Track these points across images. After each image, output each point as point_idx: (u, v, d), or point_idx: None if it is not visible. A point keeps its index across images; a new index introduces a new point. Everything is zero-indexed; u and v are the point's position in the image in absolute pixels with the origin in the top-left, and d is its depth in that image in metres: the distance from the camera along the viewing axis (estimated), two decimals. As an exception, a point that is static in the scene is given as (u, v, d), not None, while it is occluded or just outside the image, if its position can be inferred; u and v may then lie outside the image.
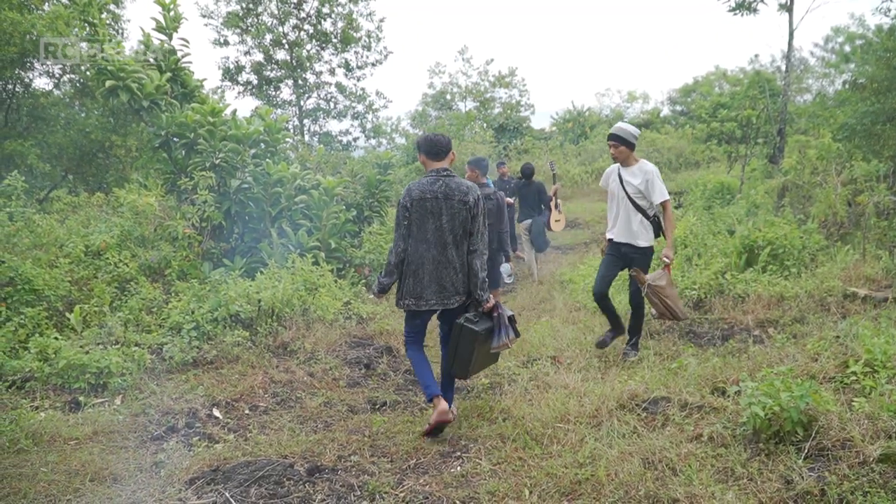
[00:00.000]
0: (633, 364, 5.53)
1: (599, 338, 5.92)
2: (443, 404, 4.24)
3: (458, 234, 4.31)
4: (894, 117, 9.70)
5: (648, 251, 5.72)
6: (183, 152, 8.96)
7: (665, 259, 5.60)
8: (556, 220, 11.14)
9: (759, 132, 14.48)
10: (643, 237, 5.67)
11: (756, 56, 38.35)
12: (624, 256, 5.77)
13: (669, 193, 5.63)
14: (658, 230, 5.74)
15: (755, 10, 13.75)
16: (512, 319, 4.54)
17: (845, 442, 3.29)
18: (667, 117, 39.10)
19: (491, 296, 4.49)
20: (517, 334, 4.59)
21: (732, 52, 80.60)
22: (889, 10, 10.90)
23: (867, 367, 4.12)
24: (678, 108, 41.16)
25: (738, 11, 13.78)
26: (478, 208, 4.35)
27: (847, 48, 20.32)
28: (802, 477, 3.09)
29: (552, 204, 10.89)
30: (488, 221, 6.36)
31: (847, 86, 11.33)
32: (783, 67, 14.53)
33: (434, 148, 4.41)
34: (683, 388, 4.45)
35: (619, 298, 7.01)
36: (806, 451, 3.29)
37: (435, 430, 4.30)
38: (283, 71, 27.91)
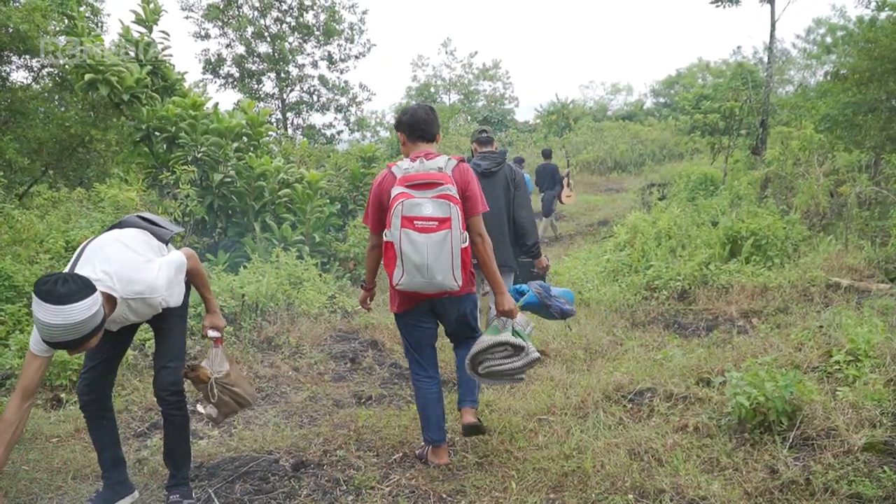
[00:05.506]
0: (619, 355, 5.54)
1: None
2: None
3: None
4: (876, 108, 9.77)
5: None
6: (164, 146, 8.86)
7: (213, 333, 3.62)
8: (567, 196, 13.84)
9: (741, 123, 14.52)
10: None
11: (738, 48, 38.50)
12: None
13: (654, 185, 5.62)
14: None
15: (737, 2, 13.76)
16: None
17: (830, 431, 3.30)
18: (650, 109, 39.34)
19: None
20: None
21: (715, 43, 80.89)
22: (870, 2, 10.96)
23: (850, 356, 4.14)
24: (661, 99, 41.43)
25: (720, 3, 13.78)
26: None
27: (829, 39, 20.47)
28: (787, 466, 3.10)
29: (564, 182, 13.63)
30: None
31: (829, 77, 11.39)
32: (765, 59, 14.58)
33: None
34: (669, 379, 4.47)
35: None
36: (791, 440, 3.31)
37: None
38: (265, 64, 27.66)
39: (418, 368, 3.85)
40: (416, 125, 3.56)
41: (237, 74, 27.77)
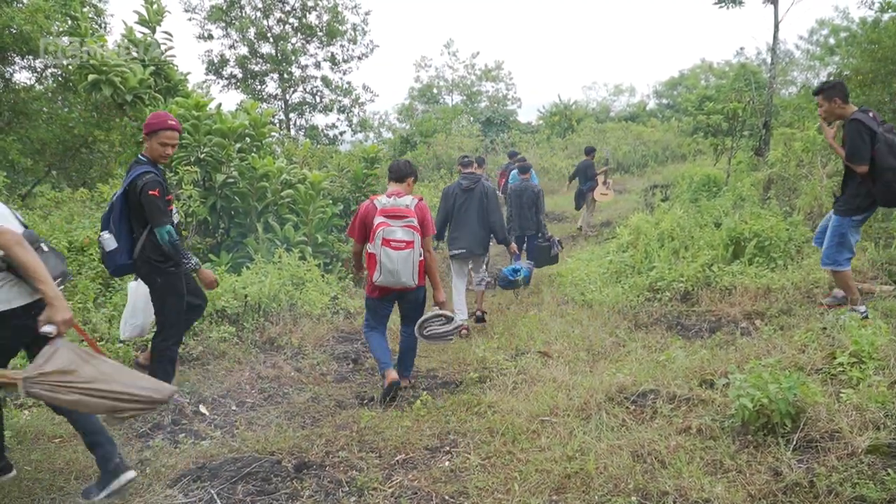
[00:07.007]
0: (622, 357, 5.53)
1: None
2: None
3: None
4: (879, 109, 9.75)
5: None
6: (167, 147, 8.86)
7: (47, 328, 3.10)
8: (602, 194, 13.97)
9: (744, 125, 14.47)
10: None
11: (741, 49, 38.59)
12: None
13: (656, 186, 5.62)
14: None
15: (740, 3, 13.74)
16: None
17: (833, 433, 3.29)
18: (653, 110, 39.31)
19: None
20: None
21: (718, 44, 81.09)
22: (873, 3, 10.94)
23: (854, 358, 4.12)
24: (664, 101, 41.45)
25: (723, 4, 13.76)
26: None
27: (832, 41, 20.44)
28: (791, 469, 3.09)
29: (600, 180, 13.85)
30: None
31: (832, 78, 11.37)
32: (768, 60, 14.58)
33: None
34: (672, 381, 4.45)
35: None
36: (794, 442, 3.29)
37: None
38: (268, 65, 27.71)
39: (371, 327, 5.34)
40: (392, 170, 5.27)
41: (240, 75, 27.83)
